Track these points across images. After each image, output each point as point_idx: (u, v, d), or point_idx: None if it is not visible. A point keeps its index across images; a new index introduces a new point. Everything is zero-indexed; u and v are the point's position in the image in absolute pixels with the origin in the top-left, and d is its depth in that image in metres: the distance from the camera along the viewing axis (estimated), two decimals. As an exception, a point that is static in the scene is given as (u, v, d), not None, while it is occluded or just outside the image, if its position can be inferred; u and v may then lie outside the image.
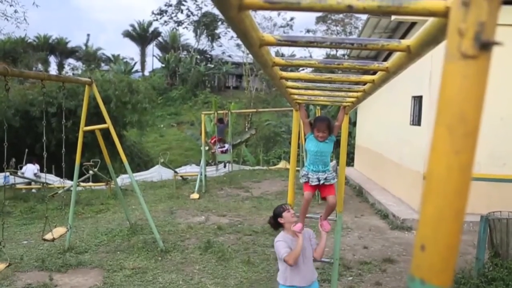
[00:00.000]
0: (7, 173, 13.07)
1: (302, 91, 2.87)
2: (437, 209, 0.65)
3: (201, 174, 13.46)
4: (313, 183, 4.09)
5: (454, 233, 0.66)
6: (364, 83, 2.34)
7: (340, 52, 32.77)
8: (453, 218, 0.65)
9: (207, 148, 15.20)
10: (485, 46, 0.62)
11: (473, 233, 5.95)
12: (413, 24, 10.44)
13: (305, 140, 4.33)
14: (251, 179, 15.91)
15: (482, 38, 0.61)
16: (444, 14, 0.94)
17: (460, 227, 0.66)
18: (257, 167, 20.59)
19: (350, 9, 0.93)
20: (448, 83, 0.64)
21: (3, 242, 5.32)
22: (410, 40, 1.30)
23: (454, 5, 0.64)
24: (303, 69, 25.78)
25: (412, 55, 1.36)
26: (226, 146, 14.90)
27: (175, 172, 15.50)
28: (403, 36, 11.16)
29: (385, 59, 13.15)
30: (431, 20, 1.09)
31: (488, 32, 0.61)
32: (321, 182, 4.08)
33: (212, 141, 15.20)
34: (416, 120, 10.06)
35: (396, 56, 1.54)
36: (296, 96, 3.17)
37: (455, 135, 0.63)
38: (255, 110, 21.16)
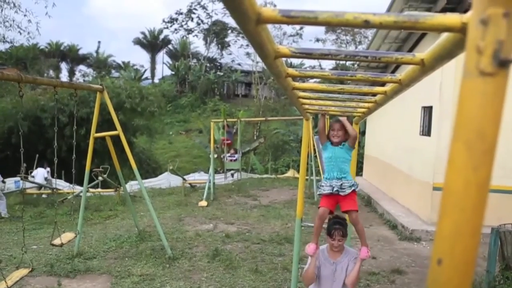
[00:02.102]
0: (18, 178, 13.19)
1: (314, 101, 2.88)
2: (454, 224, 0.66)
3: (209, 182, 13.48)
4: (325, 192, 3.71)
5: (471, 248, 0.66)
6: (376, 94, 2.34)
7: (349, 61, 32.74)
8: (470, 233, 0.66)
9: (215, 155, 15.25)
10: (503, 63, 0.62)
11: (484, 246, 5.88)
12: (423, 35, 10.44)
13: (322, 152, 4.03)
14: (259, 187, 15.91)
15: (500, 56, 0.62)
16: (460, 30, 0.95)
17: (477, 242, 0.66)
18: (265, 176, 20.60)
19: (367, 24, 0.94)
20: (466, 100, 0.65)
21: (25, 247, 5.38)
22: (424, 54, 1.31)
23: (472, 23, 0.65)
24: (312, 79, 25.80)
25: (426, 68, 1.37)
26: (236, 156, 14.95)
27: (184, 179, 15.54)
28: (413, 47, 11.15)
29: (394, 70, 13.15)
30: (445, 34, 1.09)
31: (506, 50, 0.62)
32: (335, 190, 3.67)
33: (224, 144, 15.21)
34: (426, 130, 10.02)
35: (409, 68, 1.54)
36: (307, 106, 3.18)
37: (473, 151, 0.64)
38: (264, 118, 21.22)
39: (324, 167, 3.90)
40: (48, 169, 14.95)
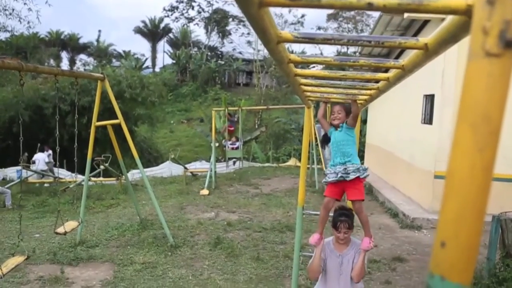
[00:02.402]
0: (20, 167, 13.23)
1: (315, 89, 2.87)
2: (458, 207, 0.65)
3: (211, 171, 13.50)
4: (330, 179, 3.49)
5: (475, 231, 0.66)
6: (379, 81, 2.33)
7: (351, 49, 32.65)
8: (474, 216, 0.65)
9: (217, 144, 15.25)
10: (510, 44, 0.62)
11: (485, 233, 5.88)
12: (426, 22, 10.36)
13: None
14: (260, 176, 15.93)
15: (507, 36, 0.61)
16: (465, 12, 0.93)
17: (481, 225, 0.66)
18: (266, 164, 20.61)
19: (370, 7, 0.93)
20: (471, 82, 0.64)
21: (21, 235, 5.39)
22: (428, 38, 1.30)
23: (478, 3, 0.64)
24: (314, 67, 25.73)
25: (430, 53, 1.36)
26: (237, 144, 14.93)
27: (185, 168, 15.56)
28: (415, 34, 11.07)
29: (397, 58, 13.09)
30: (450, 18, 1.08)
31: (513, 30, 0.61)
32: (339, 176, 3.43)
33: (226, 130, 15.16)
34: (428, 118, 9.99)
35: (413, 54, 1.53)
36: (308, 94, 3.16)
37: (478, 133, 0.63)
38: (265, 107, 21.16)
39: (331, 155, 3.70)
40: (50, 151, 15.00)
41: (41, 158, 14.73)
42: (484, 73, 0.63)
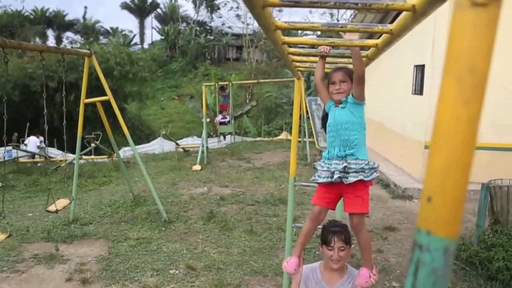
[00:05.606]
0: (10, 147, 13.14)
1: (304, 58, 2.83)
2: (444, 161, 0.65)
3: (203, 146, 13.48)
4: (321, 179, 2.51)
5: (461, 185, 0.66)
6: (368, 48, 2.30)
7: (339, 9, 32.27)
8: (460, 170, 0.65)
9: (208, 120, 15.15)
10: (496, -7, 0.60)
11: (474, 202, 5.99)
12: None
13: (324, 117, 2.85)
14: (252, 150, 15.94)
15: (493, -16, 0.60)
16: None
17: (467, 179, 0.66)
18: (258, 139, 20.63)
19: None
20: (457, 33, 0.63)
21: (3, 213, 5.37)
22: (416, -1, 1.28)
23: (464, -48, 0.62)
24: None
25: (417, 15, 1.34)
26: (228, 117, 14.80)
27: (177, 144, 15.52)
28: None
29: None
30: (438, -24, 1.06)
31: (499, -22, 0.60)
32: (336, 177, 2.45)
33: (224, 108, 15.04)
34: (418, 89, 9.99)
35: (401, 17, 1.51)
36: (298, 64, 3.13)
37: (464, 85, 0.62)
38: (256, 81, 21.02)
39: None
40: (41, 138, 14.93)
41: (33, 142, 14.67)
42: (469, 24, 0.62)
